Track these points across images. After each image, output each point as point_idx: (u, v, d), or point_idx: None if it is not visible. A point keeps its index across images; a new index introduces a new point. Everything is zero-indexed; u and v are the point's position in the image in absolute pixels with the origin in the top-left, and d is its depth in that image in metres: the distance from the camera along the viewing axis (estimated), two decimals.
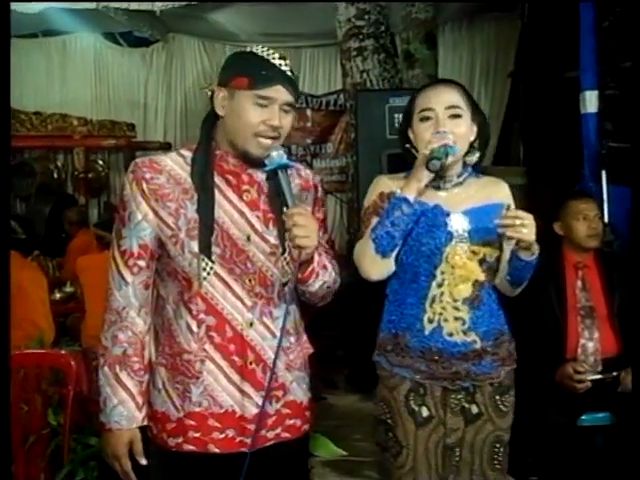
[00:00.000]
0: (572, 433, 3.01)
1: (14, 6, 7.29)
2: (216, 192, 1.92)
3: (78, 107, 9.09)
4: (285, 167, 1.90)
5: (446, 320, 2.12)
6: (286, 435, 2.00)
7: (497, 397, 2.17)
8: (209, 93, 1.96)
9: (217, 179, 1.93)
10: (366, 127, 5.23)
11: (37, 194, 8.25)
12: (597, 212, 3.33)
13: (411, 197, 2.03)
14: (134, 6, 7.56)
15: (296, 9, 7.62)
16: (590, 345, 3.13)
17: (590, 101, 4.43)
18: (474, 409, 2.15)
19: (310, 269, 1.93)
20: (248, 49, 1.95)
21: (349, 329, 5.33)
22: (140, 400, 1.94)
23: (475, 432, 2.15)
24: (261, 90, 1.87)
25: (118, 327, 1.92)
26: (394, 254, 2.09)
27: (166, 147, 8.58)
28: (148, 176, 1.91)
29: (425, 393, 2.14)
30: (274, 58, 1.90)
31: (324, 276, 1.98)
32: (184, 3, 7.42)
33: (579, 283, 3.21)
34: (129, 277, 1.93)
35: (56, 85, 9.40)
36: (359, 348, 5.38)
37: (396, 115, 4.93)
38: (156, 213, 1.90)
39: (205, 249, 1.88)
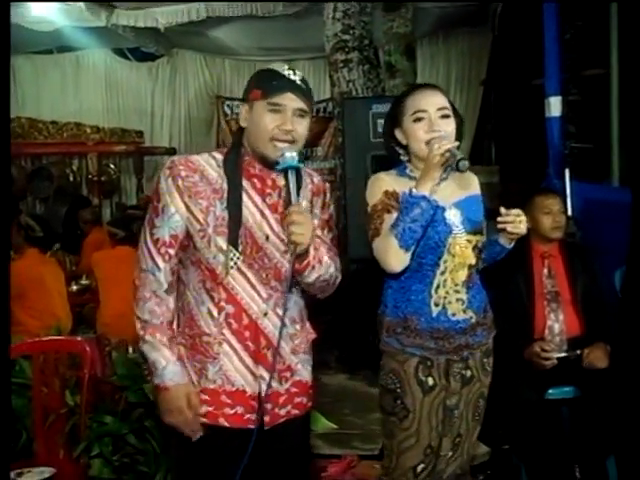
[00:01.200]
0: (540, 405, 3.01)
1: (31, 25, 7.29)
2: (243, 195, 1.94)
3: (91, 116, 9.10)
4: (295, 168, 1.91)
5: (450, 302, 2.18)
6: (295, 412, 2.05)
7: (485, 360, 2.28)
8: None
9: (244, 182, 1.95)
10: (352, 132, 5.22)
11: (55, 196, 8.23)
12: (561, 206, 3.32)
13: (428, 194, 2.05)
14: (140, 24, 7.55)
15: (289, 26, 7.62)
16: (556, 326, 3.14)
17: (554, 106, 4.43)
18: (468, 373, 2.24)
19: (306, 262, 1.93)
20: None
21: (339, 315, 5.33)
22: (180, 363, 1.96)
23: (468, 392, 2.24)
24: (273, 98, 1.90)
25: (154, 303, 1.94)
26: (414, 247, 2.10)
27: (171, 152, 8.58)
28: (184, 174, 1.92)
29: (432, 365, 2.19)
30: (284, 70, 1.93)
31: (320, 270, 1.98)
32: (187, 21, 7.43)
33: (545, 271, 3.22)
34: (162, 264, 1.94)
35: (70, 96, 9.39)
36: (348, 332, 5.40)
37: (379, 120, 4.91)
38: (188, 208, 1.92)
39: (234, 241, 1.90)
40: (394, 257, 2.08)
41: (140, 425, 2.87)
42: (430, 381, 2.18)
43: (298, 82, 1.93)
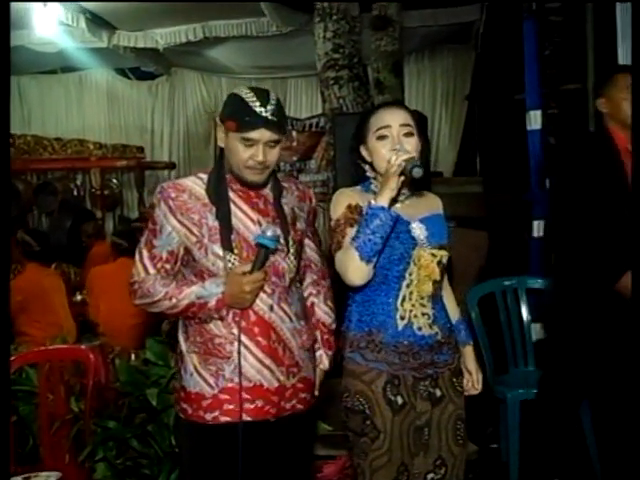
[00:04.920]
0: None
1: (36, 46, 7.28)
2: (231, 205, 2.00)
3: (94, 133, 9.13)
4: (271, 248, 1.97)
5: (416, 316, 2.07)
6: (299, 407, 2.08)
7: (454, 380, 2.15)
8: (214, 123, 2.04)
9: (231, 194, 2.02)
10: (343, 146, 5.21)
11: (59, 210, 8.16)
12: None
13: (386, 205, 1.95)
14: (140, 44, 7.56)
15: (281, 45, 7.64)
16: None
17: (535, 119, 4.44)
18: (438, 393, 2.12)
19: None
20: (238, 91, 2.00)
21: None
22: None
23: (440, 413, 2.12)
24: (246, 134, 1.94)
25: (149, 285, 1.99)
26: (376, 259, 1.98)
27: (171, 166, 8.57)
28: (173, 195, 1.99)
29: (399, 383, 2.07)
30: (256, 105, 1.93)
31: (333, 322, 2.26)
32: (185, 41, 7.44)
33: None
34: (152, 270, 2.00)
35: (74, 114, 9.43)
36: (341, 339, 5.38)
37: None
38: (182, 224, 1.98)
39: (228, 246, 1.96)
40: (356, 270, 1.97)
41: (143, 430, 2.84)
42: (399, 400, 2.06)
43: (269, 117, 1.93)
